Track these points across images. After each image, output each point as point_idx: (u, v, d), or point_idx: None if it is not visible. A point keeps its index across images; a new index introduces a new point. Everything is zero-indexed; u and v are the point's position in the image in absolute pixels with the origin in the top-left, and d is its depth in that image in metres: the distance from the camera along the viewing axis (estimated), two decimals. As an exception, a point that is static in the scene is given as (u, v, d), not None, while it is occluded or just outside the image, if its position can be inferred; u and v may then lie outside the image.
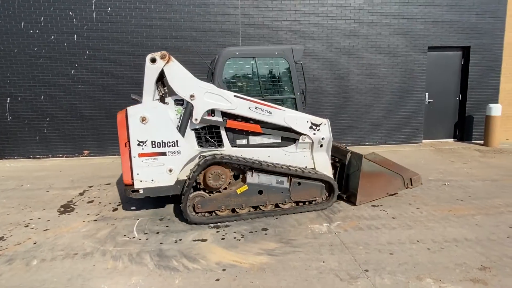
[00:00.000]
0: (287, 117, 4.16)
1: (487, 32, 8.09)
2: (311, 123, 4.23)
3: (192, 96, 3.92)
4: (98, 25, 7.35)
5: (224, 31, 7.58)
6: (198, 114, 3.98)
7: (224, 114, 4.12)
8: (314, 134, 4.25)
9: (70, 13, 7.28)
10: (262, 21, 7.63)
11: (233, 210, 4.10)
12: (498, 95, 8.38)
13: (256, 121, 4.20)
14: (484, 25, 8.05)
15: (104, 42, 7.41)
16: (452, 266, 3.01)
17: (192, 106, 3.98)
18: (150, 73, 3.90)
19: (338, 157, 4.75)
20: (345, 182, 4.59)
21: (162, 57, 3.85)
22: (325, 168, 4.41)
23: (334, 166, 4.70)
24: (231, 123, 4.12)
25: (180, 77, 3.95)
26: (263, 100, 4.18)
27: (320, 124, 4.27)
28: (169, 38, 7.50)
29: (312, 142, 4.30)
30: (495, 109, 7.82)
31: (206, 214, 4.05)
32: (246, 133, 4.25)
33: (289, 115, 4.17)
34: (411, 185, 4.51)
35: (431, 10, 7.89)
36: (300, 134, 4.27)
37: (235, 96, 4.01)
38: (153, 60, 3.85)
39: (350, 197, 4.52)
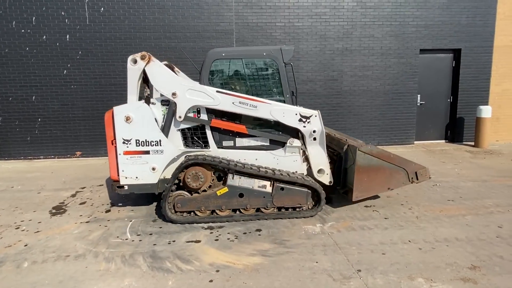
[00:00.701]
0: (273, 110, 4.03)
1: (477, 35, 8.20)
2: (300, 115, 4.06)
3: (174, 94, 3.95)
4: (91, 25, 7.29)
5: (218, 32, 7.58)
6: (181, 111, 4.00)
7: (210, 113, 4.09)
8: (305, 127, 4.08)
9: (63, 12, 7.21)
10: (256, 23, 7.64)
11: (214, 212, 4.08)
12: (488, 97, 8.50)
13: (241, 118, 4.16)
14: (475, 28, 8.17)
15: (97, 43, 7.36)
16: (443, 266, 3.05)
17: (175, 104, 3.98)
18: (132, 74, 4.00)
19: (337, 150, 4.56)
20: (342, 176, 4.36)
21: (142, 58, 3.93)
22: (322, 162, 4.24)
23: (332, 159, 4.51)
24: (216, 122, 4.09)
25: (162, 76, 3.99)
26: None
27: (310, 116, 4.08)
28: (163, 39, 7.47)
29: (304, 136, 4.16)
30: (485, 111, 7.93)
31: (185, 213, 4.05)
32: (233, 135, 4.21)
33: (276, 108, 4.03)
34: (417, 179, 4.19)
35: (423, 13, 7.98)
36: (287, 136, 4.16)
37: (217, 91, 3.99)
38: (134, 61, 3.95)
39: (347, 193, 4.35)
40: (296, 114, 4.06)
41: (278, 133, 4.23)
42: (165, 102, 4.14)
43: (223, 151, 4.17)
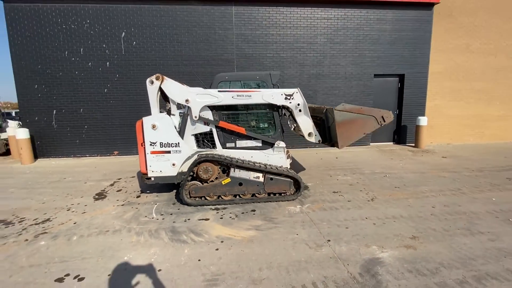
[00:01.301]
0: (264, 95, 3.94)
1: (416, 64, 8.31)
2: (285, 94, 3.98)
3: (187, 100, 3.90)
4: (126, 55, 7.24)
5: (222, 61, 7.57)
6: (195, 112, 3.94)
7: (214, 111, 4.03)
8: (290, 102, 4.01)
9: (104, 45, 7.15)
10: (252, 54, 7.65)
11: (219, 197, 4.07)
12: (424, 110, 8.60)
13: (242, 122, 4.11)
14: (415, 59, 8.27)
15: (130, 68, 7.30)
16: (391, 236, 3.07)
17: (189, 108, 3.93)
18: (151, 92, 3.95)
19: (319, 116, 4.44)
20: (327, 134, 4.24)
21: (157, 78, 3.90)
22: (309, 127, 4.14)
23: (318, 124, 4.36)
24: (223, 123, 4.04)
25: (175, 89, 3.94)
26: (245, 113, 4.11)
27: (293, 93, 3.99)
28: (180, 66, 7.44)
29: (292, 110, 4.06)
30: (423, 120, 8.03)
31: (197, 198, 4.03)
32: (234, 138, 4.16)
33: (266, 93, 3.94)
34: (384, 121, 3.99)
35: (376, 47, 8.06)
36: (272, 144, 4.13)
37: (219, 91, 3.93)
38: (151, 82, 3.91)
39: (334, 145, 4.17)
40: (282, 95, 3.98)
41: (268, 136, 4.19)
42: (182, 113, 4.11)
43: (226, 151, 4.15)
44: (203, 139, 4.17)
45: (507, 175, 5.37)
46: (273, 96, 3.97)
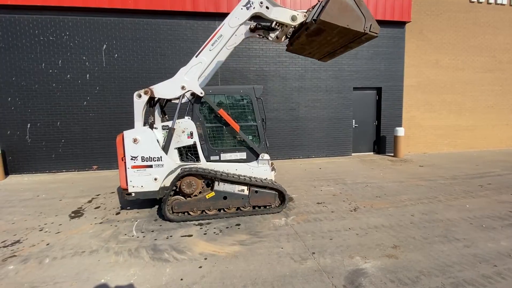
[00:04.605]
0: (230, 22, 3.90)
1: (392, 78, 8.73)
2: (243, 6, 3.82)
3: (183, 87, 3.97)
4: (107, 67, 7.10)
5: (206, 74, 7.59)
6: (197, 90, 3.98)
7: (199, 128, 4.02)
8: (254, 8, 3.80)
9: (84, 57, 6.99)
10: (235, 67, 7.74)
11: (203, 211, 3.98)
12: (401, 121, 8.98)
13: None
14: (390, 73, 8.70)
15: (111, 81, 7.15)
16: (373, 246, 3.12)
17: (185, 94, 3.99)
18: (138, 106, 3.96)
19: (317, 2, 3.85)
20: (319, 11, 3.54)
21: (146, 93, 3.95)
22: (287, 14, 3.82)
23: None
24: (222, 112, 4.00)
25: (167, 88, 4.02)
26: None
27: (249, 1, 3.80)
28: (164, 79, 7.28)
29: (262, 14, 3.84)
30: (400, 131, 8.37)
31: (180, 214, 3.92)
32: (218, 151, 4.13)
33: (230, 20, 3.90)
34: (370, 30, 3.48)
35: (355, 62, 8.43)
36: (257, 156, 4.11)
37: (196, 56, 3.97)
38: (139, 96, 3.94)
39: (315, 21, 3.49)
40: (241, 8, 3.85)
41: (257, 146, 4.18)
42: (165, 127, 4.06)
43: (211, 164, 4.10)
44: (187, 153, 4.11)
45: (478, 182, 5.66)
46: (236, 16, 3.88)
